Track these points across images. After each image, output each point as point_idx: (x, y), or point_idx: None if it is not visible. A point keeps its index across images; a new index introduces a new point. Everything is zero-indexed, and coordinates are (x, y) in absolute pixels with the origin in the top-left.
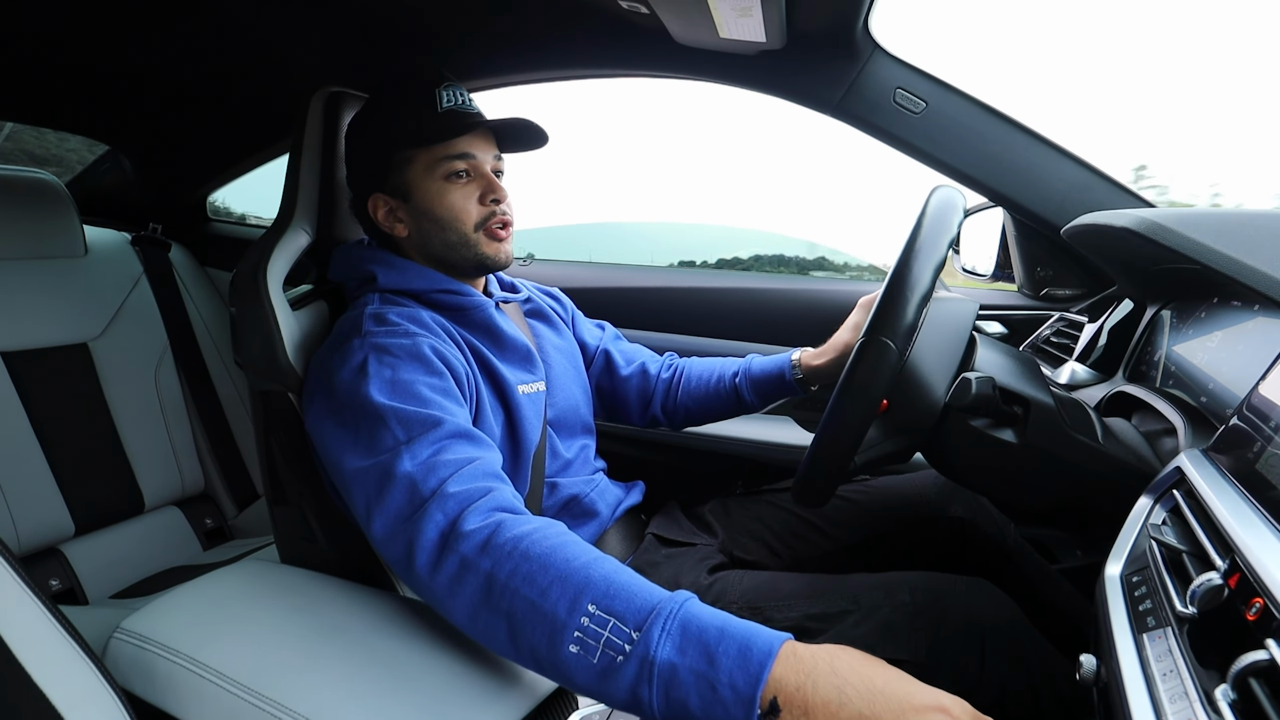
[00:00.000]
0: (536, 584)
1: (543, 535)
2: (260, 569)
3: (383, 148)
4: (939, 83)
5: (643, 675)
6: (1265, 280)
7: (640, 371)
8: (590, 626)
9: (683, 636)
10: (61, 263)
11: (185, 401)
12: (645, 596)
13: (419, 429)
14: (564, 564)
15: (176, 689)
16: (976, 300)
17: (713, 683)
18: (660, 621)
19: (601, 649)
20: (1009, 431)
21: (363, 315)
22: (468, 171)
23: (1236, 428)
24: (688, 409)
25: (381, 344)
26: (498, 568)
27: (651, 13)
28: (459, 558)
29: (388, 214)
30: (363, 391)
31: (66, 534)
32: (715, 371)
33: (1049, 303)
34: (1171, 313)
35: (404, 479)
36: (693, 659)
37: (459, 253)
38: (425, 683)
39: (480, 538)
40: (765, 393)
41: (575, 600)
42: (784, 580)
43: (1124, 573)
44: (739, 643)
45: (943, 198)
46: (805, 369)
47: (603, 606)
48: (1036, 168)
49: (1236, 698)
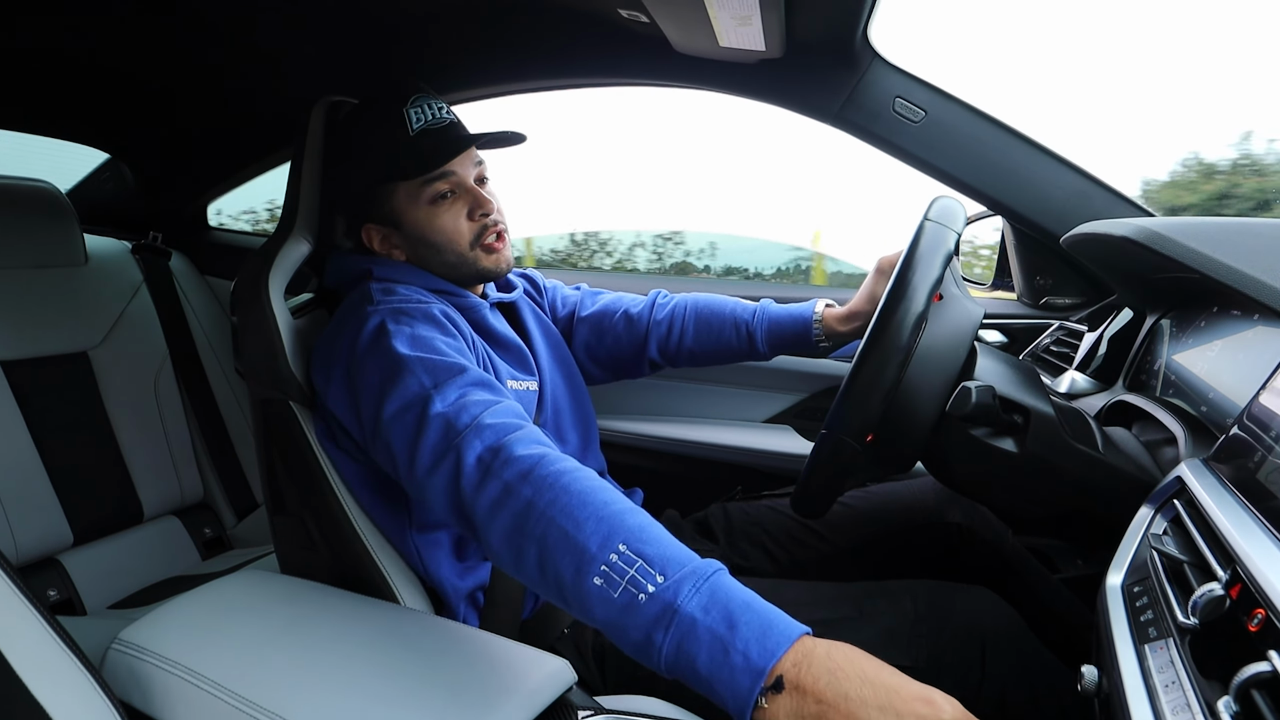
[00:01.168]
0: (573, 517)
1: (585, 475)
2: (259, 579)
3: (361, 184)
4: (938, 91)
5: (662, 620)
6: (1265, 289)
7: (624, 318)
8: (617, 563)
9: (711, 598)
10: (62, 271)
11: (185, 410)
12: (677, 551)
13: (445, 374)
14: (601, 504)
15: (174, 700)
16: (981, 307)
17: (727, 647)
18: (693, 579)
19: (625, 585)
20: (1009, 441)
21: (369, 289)
22: (453, 190)
23: (1237, 437)
24: (691, 354)
25: (396, 307)
26: (538, 495)
27: (651, 22)
28: (501, 483)
29: (383, 241)
30: (385, 345)
31: (65, 544)
32: (724, 318)
33: (1049, 311)
34: (1171, 322)
35: (438, 418)
36: (715, 620)
37: (459, 270)
38: (425, 694)
39: (524, 465)
40: (779, 344)
41: (608, 537)
42: (785, 587)
43: (1125, 583)
44: (763, 620)
45: (942, 207)
46: (828, 330)
47: (633, 548)
48: (1036, 176)
49: (1239, 709)
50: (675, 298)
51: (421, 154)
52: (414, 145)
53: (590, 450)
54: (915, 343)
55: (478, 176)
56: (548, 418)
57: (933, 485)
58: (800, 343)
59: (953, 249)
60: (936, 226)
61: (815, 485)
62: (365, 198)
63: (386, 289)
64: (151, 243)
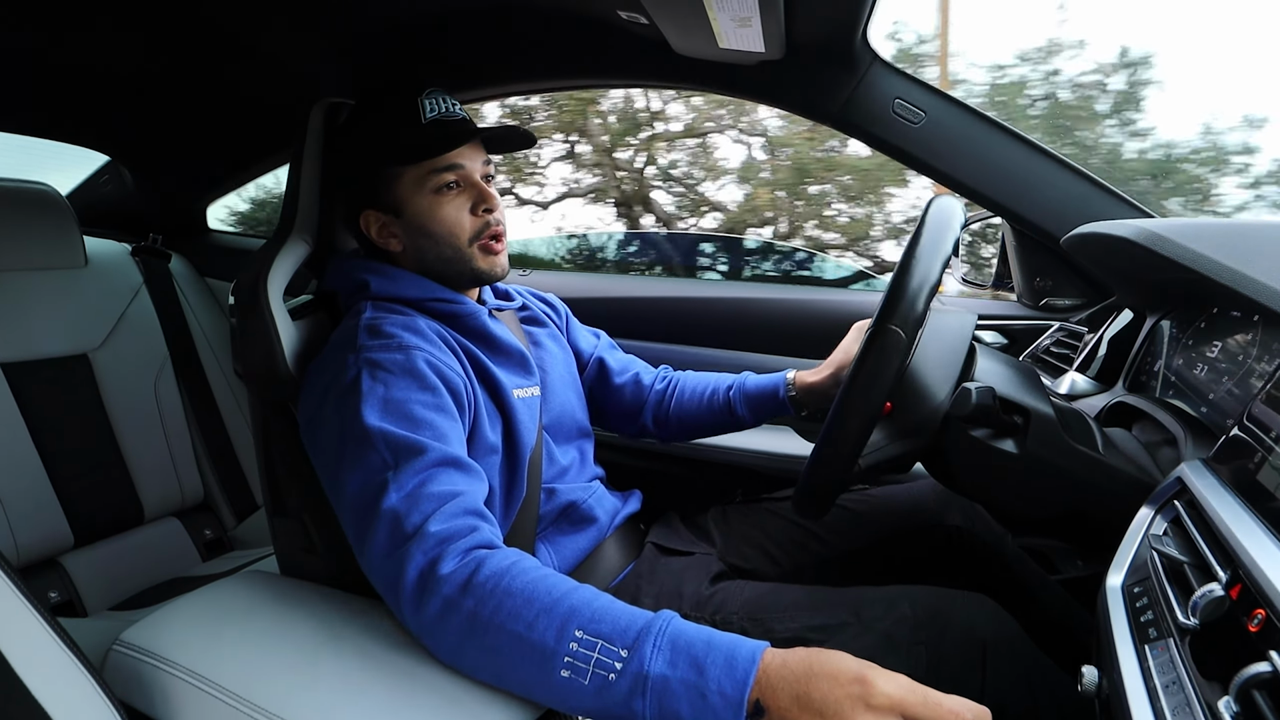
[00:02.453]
0: (522, 618)
1: (522, 569)
2: (260, 580)
3: (368, 165)
4: (938, 93)
5: (637, 689)
6: (1264, 290)
7: (634, 381)
8: (579, 650)
9: (673, 650)
10: (62, 273)
11: (185, 412)
12: (629, 618)
13: (406, 455)
14: (546, 595)
15: (175, 702)
16: (973, 312)
17: (703, 691)
18: (651, 638)
19: (592, 670)
20: (1009, 442)
21: (357, 327)
22: (458, 182)
23: (1237, 438)
24: (680, 420)
25: (375, 359)
26: (481, 606)
27: (651, 23)
28: (440, 599)
29: (381, 229)
30: (353, 411)
31: (65, 545)
32: (709, 385)
33: (1049, 313)
34: (1171, 323)
35: (388, 514)
36: (684, 670)
37: (454, 267)
38: (426, 696)
39: (461, 578)
40: (758, 409)
41: (562, 628)
42: (785, 591)
43: (1125, 584)
44: (725, 653)
45: (943, 205)
46: (799, 387)
47: (589, 631)
48: (1035, 178)
49: (1240, 710)
50: (675, 373)
51: (432, 139)
52: (425, 131)
53: (587, 460)
54: (951, 256)
55: (484, 175)
56: (552, 422)
57: (932, 489)
58: (774, 403)
59: (956, 240)
60: (939, 217)
61: (816, 484)
62: (369, 181)
63: (373, 328)
64: (151, 245)
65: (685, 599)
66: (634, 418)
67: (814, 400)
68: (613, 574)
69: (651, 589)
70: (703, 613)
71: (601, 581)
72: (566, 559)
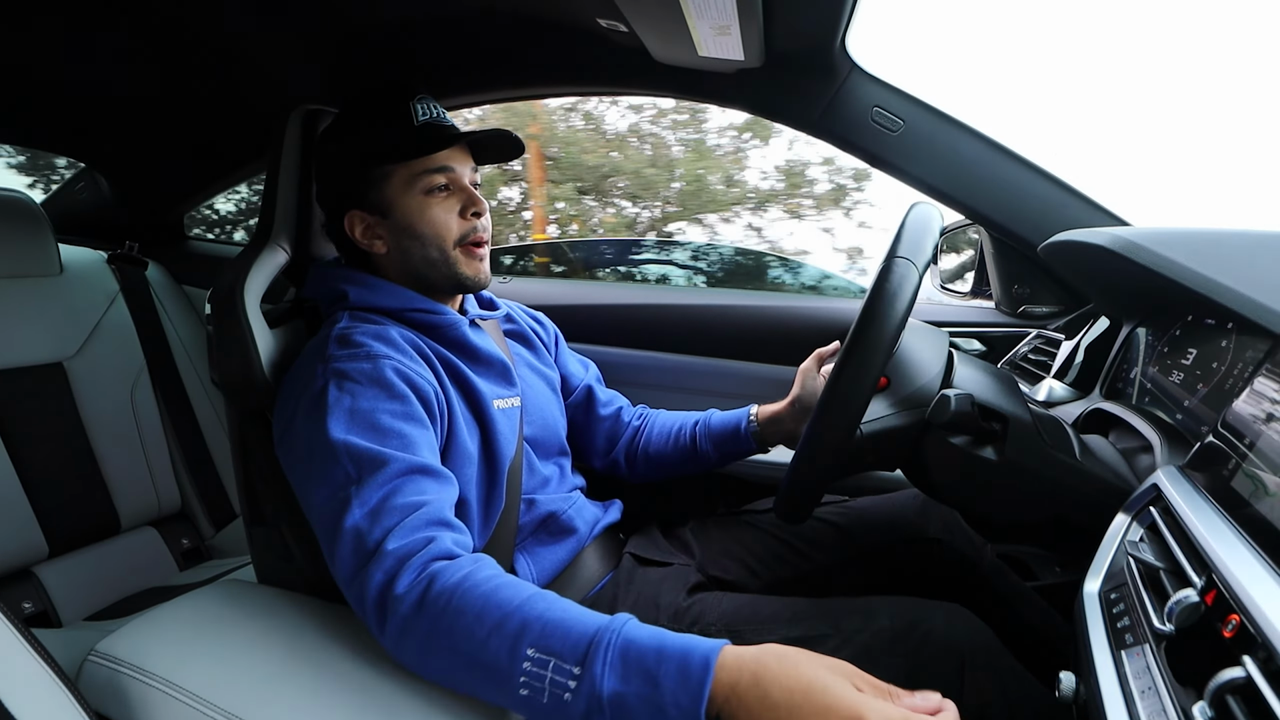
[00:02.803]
0: (475, 637)
1: (473, 584)
2: (237, 590)
3: (359, 163)
4: (916, 102)
5: (592, 709)
6: (1238, 298)
7: (615, 415)
8: (533, 670)
9: (624, 665)
10: (36, 281)
11: (162, 421)
12: (580, 631)
13: (370, 468)
14: (497, 610)
15: (152, 712)
16: (944, 333)
17: (660, 705)
18: (600, 654)
19: (548, 689)
20: (988, 449)
21: (328, 337)
22: (448, 185)
23: (1212, 445)
24: (648, 459)
25: (342, 369)
26: (435, 625)
27: (630, 31)
28: (398, 619)
29: (365, 231)
30: (319, 423)
31: (40, 555)
32: (677, 422)
33: (1026, 320)
34: (1147, 330)
35: (350, 533)
36: (637, 685)
37: (439, 270)
38: (402, 705)
39: (414, 597)
40: (721, 444)
41: (514, 646)
42: (763, 603)
43: (1102, 590)
44: (677, 661)
45: (921, 211)
46: (762, 419)
47: (541, 648)
48: (1013, 186)
49: (1214, 715)
50: (650, 411)
51: (424, 140)
52: (418, 132)
53: (567, 472)
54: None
55: (472, 181)
56: (534, 434)
57: (912, 500)
58: (737, 438)
59: (936, 240)
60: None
61: (798, 489)
62: (357, 181)
63: (343, 338)
64: (128, 252)
65: (662, 609)
66: (607, 451)
67: (776, 431)
68: (590, 584)
69: (629, 599)
70: (680, 624)
71: (579, 591)
72: (545, 570)
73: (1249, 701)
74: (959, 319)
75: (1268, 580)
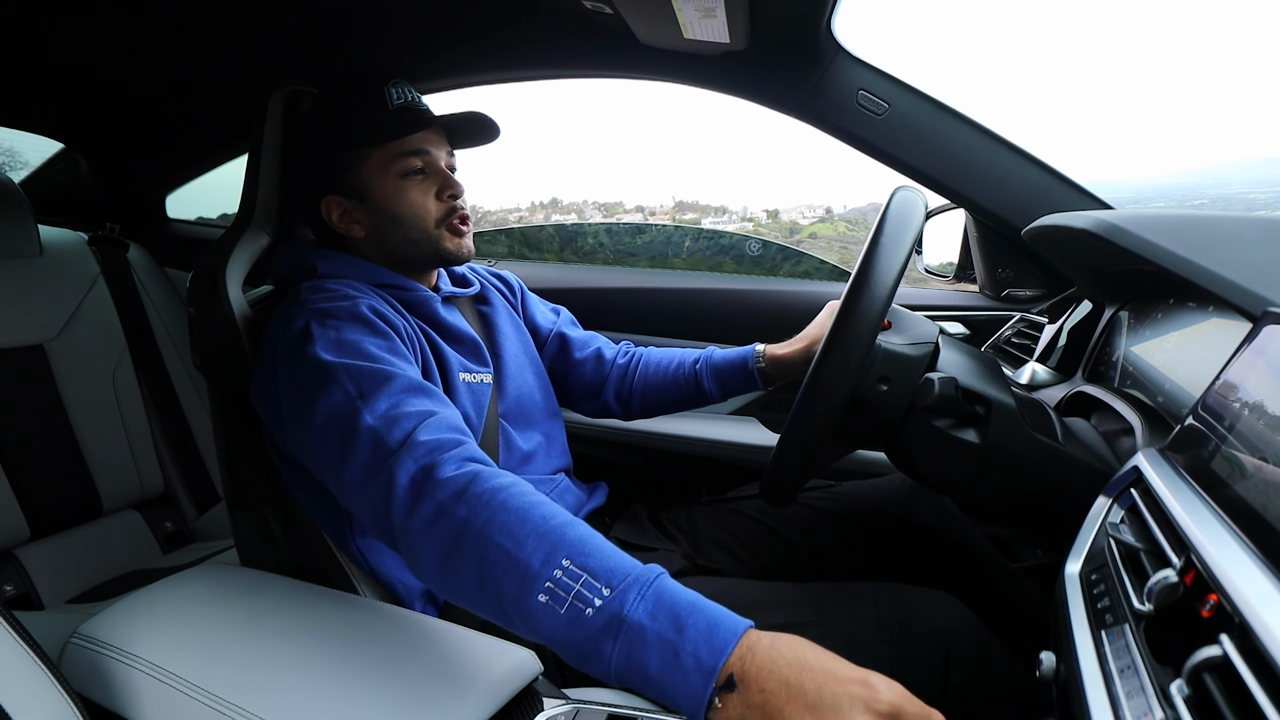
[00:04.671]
0: (514, 535)
1: (520, 490)
2: (220, 572)
3: (335, 148)
4: (901, 85)
5: (610, 629)
6: (1219, 282)
7: (595, 356)
8: (562, 579)
9: (657, 603)
10: (15, 263)
11: (144, 403)
12: (619, 560)
13: (371, 383)
14: (541, 520)
15: (135, 694)
16: (937, 301)
17: (677, 650)
18: (637, 586)
19: (571, 600)
20: (971, 432)
21: (299, 289)
22: (424, 169)
23: (1192, 427)
24: (643, 396)
25: (321, 308)
26: (474, 515)
27: (615, 14)
28: (435, 504)
29: (343, 215)
30: (308, 352)
31: (21, 538)
32: (674, 359)
33: (1010, 303)
34: (1129, 314)
35: (367, 433)
36: (662, 625)
37: (420, 249)
38: (387, 685)
39: (457, 485)
40: (725, 382)
41: (550, 554)
42: (747, 589)
43: (1083, 571)
44: (708, 619)
45: (906, 196)
46: (769, 359)
47: (577, 563)
48: (997, 169)
49: (1191, 693)
50: (638, 348)
51: (399, 122)
52: (393, 115)
53: (555, 447)
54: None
55: (449, 164)
56: (510, 409)
57: (899, 485)
58: (743, 375)
59: (920, 230)
60: (902, 207)
61: (784, 469)
62: (333, 166)
63: (315, 286)
64: (109, 234)
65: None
66: (595, 395)
67: (783, 373)
68: None
69: None
70: None
71: None
72: None
73: (1226, 680)
74: (943, 303)
75: (1245, 561)
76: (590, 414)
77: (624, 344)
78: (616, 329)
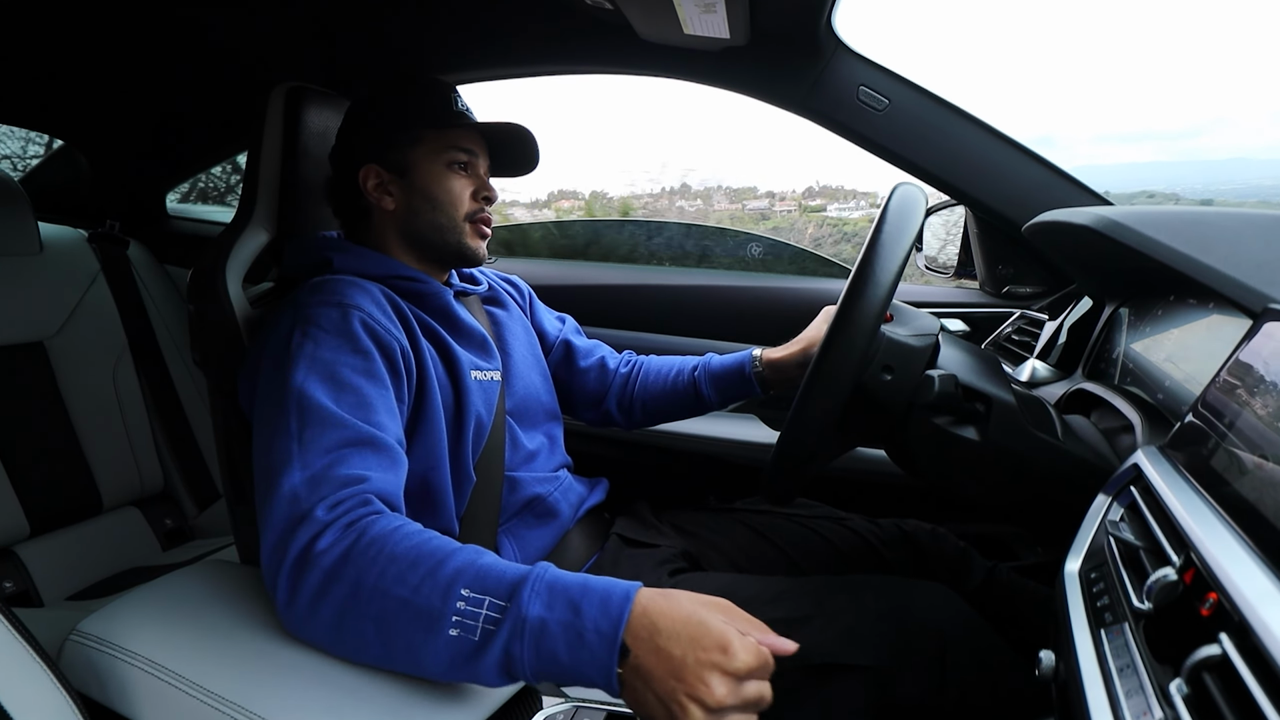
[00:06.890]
0: (408, 582)
1: (404, 534)
2: (220, 570)
3: (392, 123)
4: (902, 80)
5: (515, 633)
6: (1220, 278)
7: (598, 365)
8: (467, 609)
9: (550, 594)
10: (15, 260)
11: (144, 400)
12: (513, 572)
13: (318, 428)
14: (430, 558)
15: (134, 692)
16: (937, 298)
17: (579, 630)
18: (528, 585)
19: (481, 626)
20: (971, 429)
21: (303, 286)
22: (468, 166)
23: (1192, 424)
24: (645, 405)
25: (309, 315)
26: (364, 574)
27: (616, 9)
28: (320, 572)
29: (378, 185)
30: (279, 367)
31: (21, 535)
32: (674, 367)
33: (1010, 300)
34: (1129, 310)
35: (287, 495)
36: (560, 612)
37: (444, 235)
38: (388, 684)
39: (341, 549)
40: (724, 388)
41: (449, 589)
42: (746, 584)
43: (1082, 569)
44: (600, 594)
45: (906, 192)
46: (765, 363)
47: (475, 588)
48: (998, 166)
49: (1190, 692)
50: (639, 357)
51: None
52: (456, 115)
53: (556, 446)
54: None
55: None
56: (517, 406)
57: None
58: (740, 381)
59: (919, 228)
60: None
61: (786, 465)
62: (384, 139)
63: (317, 285)
64: (109, 231)
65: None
66: (598, 404)
67: (780, 377)
68: (576, 566)
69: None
70: None
71: None
72: (530, 552)
73: (1225, 679)
74: (943, 299)
75: (1245, 559)
76: (593, 423)
77: (627, 353)
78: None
